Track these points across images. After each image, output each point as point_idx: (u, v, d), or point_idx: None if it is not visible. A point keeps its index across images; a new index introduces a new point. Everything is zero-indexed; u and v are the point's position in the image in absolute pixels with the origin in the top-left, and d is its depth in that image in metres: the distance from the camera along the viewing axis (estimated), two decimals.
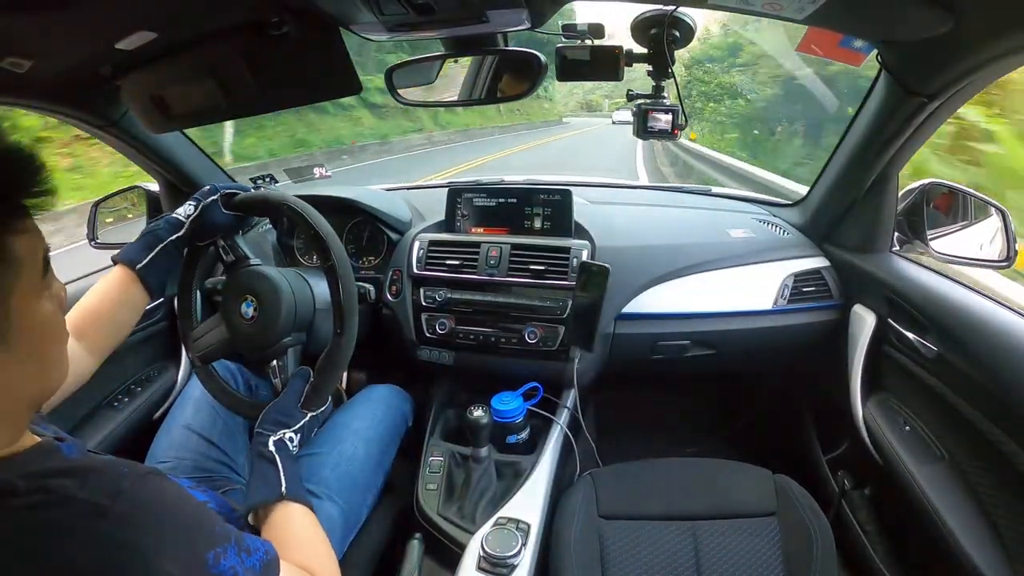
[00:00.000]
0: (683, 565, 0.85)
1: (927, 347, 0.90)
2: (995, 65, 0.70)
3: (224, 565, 0.42)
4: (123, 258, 0.73)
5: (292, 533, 0.61)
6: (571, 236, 1.19)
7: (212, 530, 0.44)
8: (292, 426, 0.70)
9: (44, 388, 0.45)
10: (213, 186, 0.81)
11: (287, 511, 0.63)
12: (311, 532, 0.63)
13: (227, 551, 0.43)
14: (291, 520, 0.63)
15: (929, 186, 1.04)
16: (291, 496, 0.63)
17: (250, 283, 0.76)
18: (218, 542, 0.43)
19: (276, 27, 0.72)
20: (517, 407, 1.04)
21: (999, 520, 0.78)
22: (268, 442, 0.67)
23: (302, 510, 0.64)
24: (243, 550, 0.45)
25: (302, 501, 0.65)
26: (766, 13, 0.74)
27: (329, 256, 0.74)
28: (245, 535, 0.48)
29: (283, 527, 0.62)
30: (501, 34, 0.87)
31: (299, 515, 0.64)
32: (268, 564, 0.48)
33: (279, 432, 0.69)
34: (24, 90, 0.83)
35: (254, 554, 0.46)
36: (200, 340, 0.82)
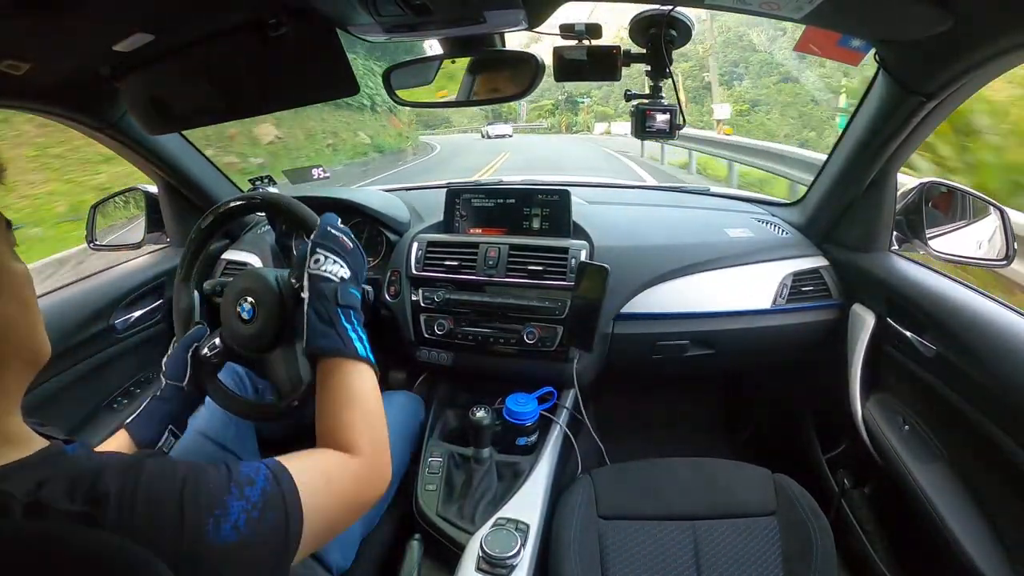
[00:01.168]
0: (683, 565, 0.85)
1: (926, 346, 0.90)
2: (994, 63, 0.70)
3: (226, 526, 0.41)
4: (137, 437, 0.71)
5: (349, 392, 0.61)
6: (569, 236, 1.19)
7: (206, 494, 0.42)
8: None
9: (35, 345, 0.45)
10: (196, 330, 0.79)
11: (350, 369, 0.62)
12: (368, 397, 0.62)
13: (227, 505, 0.42)
14: (351, 381, 0.62)
15: (928, 185, 1.04)
16: (362, 358, 0.63)
17: (247, 284, 0.76)
18: (215, 502, 0.42)
19: (274, 28, 0.72)
20: (532, 410, 1.04)
21: (999, 519, 0.78)
22: (336, 294, 0.65)
23: (366, 372, 0.63)
24: (244, 485, 0.44)
25: (370, 364, 0.64)
26: (764, 12, 0.73)
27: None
28: (242, 466, 0.46)
29: (338, 385, 0.61)
30: (499, 35, 0.87)
31: (363, 376, 0.63)
32: (273, 478, 0.46)
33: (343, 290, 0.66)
34: (22, 92, 0.83)
35: (257, 480, 0.45)
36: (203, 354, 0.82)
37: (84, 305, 1.08)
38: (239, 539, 0.41)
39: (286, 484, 0.47)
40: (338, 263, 0.67)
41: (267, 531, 0.43)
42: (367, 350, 0.64)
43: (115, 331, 1.14)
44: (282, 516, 0.45)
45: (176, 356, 0.77)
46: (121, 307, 1.16)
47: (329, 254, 0.67)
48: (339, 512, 0.52)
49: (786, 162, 5.27)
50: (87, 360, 1.08)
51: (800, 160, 5.05)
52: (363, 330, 0.66)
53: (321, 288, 0.65)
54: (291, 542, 0.45)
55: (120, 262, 1.28)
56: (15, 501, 0.36)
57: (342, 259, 0.67)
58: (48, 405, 0.98)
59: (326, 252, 0.67)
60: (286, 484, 0.47)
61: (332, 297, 0.64)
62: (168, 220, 1.35)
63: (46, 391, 0.98)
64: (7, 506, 0.36)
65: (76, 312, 1.06)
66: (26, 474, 0.39)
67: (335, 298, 0.64)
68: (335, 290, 0.65)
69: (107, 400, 1.15)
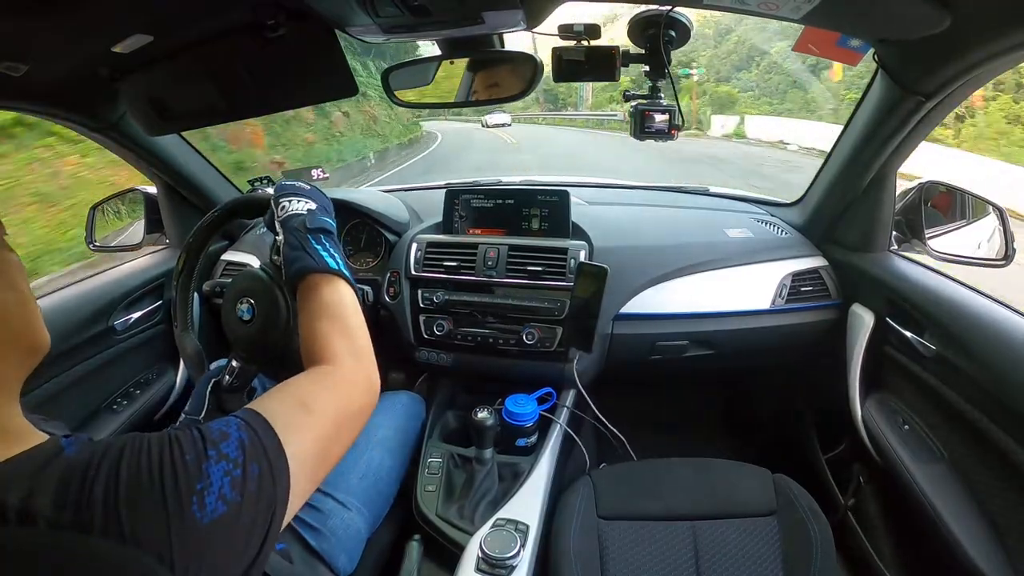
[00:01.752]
0: (682, 565, 0.85)
1: (926, 346, 0.90)
2: (992, 63, 0.70)
3: (211, 500, 0.39)
4: None
5: (322, 304, 0.61)
6: (569, 237, 1.19)
7: (183, 471, 0.40)
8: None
9: (32, 335, 0.45)
10: (215, 369, 0.80)
11: (322, 284, 0.62)
12: (343, 304, 0.62)
13: (207, 475, 0.40)
14: (323, 293, 0.62)
15: (927, 185, 1.04)
16: (332, 270, 0.63)
17: (244, 285, 0.76)
18: (194, 477, 0.39)
19: (272, 29, 0.72)
20: (532, 411, 1.04)
21: (998, 518, 0.78)
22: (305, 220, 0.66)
23: (338, 284, 0.63)
24: (219, 442, 0.42)
25: (343, 277, 0.64)
26: (763, 13, 0.73)
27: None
28: (211, 424, 0.44)
29: (313, 300, 0.61)
30: (497, 35, 0.87)
31: (335, 288, 0.63)
32: (247, 426, 0.44)
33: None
34: (21, 93, 0.83)
35: (230, 432, 0.43)
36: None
37: (84, 306, 1.08)
38: (227, 508, 0.40)
39: (261, 428, 0.44)
40: (301, 200, 0.68)
41: (253, 487, 0.41)
42: (340, 264, 0.64)
43: (115, 332, 1.14)
44: (266, 466, 0.42)
45: (197, 392, 0.78)
46: (121, 308, 1.16)
47: (291, 197, 0.69)
48: (327, 435, 0.49)
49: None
50: (87, 361, 1.08)
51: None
52: (337, 249, 0.66)
53: (291, 224, 0.66)
54: (280, 490, 0.43)
55: (120, 263, 1.28)
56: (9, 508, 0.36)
57: (303, 197, 0.69)
58: (48, 405, 0.98)
59: (288, 197, 0.69)
60: (261, 428, 0.44)
61: (300, 226, 0.65)
62: (167, 221, 1.35)
63: (46, 391, 0.98)
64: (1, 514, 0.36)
65: (76, 313, 1.06)
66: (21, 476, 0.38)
67: (303, 226, 0.65)
68: (303, 220, 0.66)
69: (107, 401, 1.15)
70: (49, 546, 0.36)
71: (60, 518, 0.36)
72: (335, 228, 0.69)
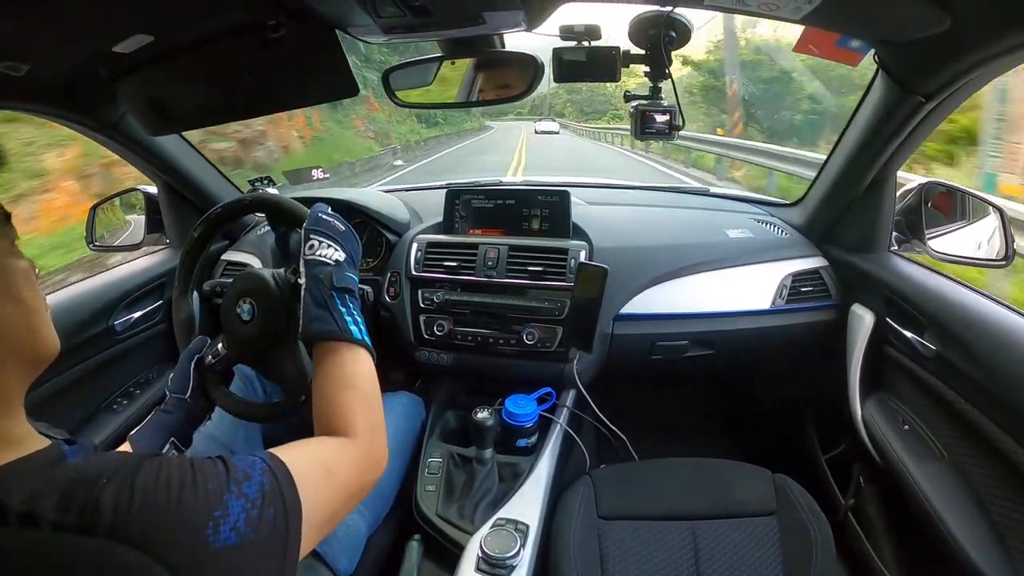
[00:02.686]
0: (682, 565, 0.85)
1: (926, 346, 0.90)
2: (992, 64, 0.70)
3: (226, 529, 0.40)
4: (139, 450, 0.70)
5: (343, 375, 0.61)
6: (569, 237, 1.19)
7: (204, 497, 0.41)
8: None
9: (36, 344, 0.44)
10: (197, 342, 0.79)
11: (344, 352, 0.62)
12: (364, 379, 0.62)
13: (226, 505, 0.41)
14: (346, 364, 0.61)
15: (927, 186, 1.04)
16: (356, 340, 0.62)
17: (246, 285, 0.76)
18: (214, 504, 0.40)
19: (273, 29, 0.72)
20: (531, 411, 1.04)
21: (999, 518, 0.78)
22: (332, 278, 0.64)
23: (361, 355, 0.63)
24: (242, 481, 0.43)
25: (366, 347, 0.64)
26: (763, 13, 0.74)
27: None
28: (237, 460, 0.45)
29: (334, 368, 0.61)
30: (498, 36, 0.87)
31: (358, 359, 0.62)
32: (270, 472, 0.45)
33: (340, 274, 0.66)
34: (22, 93, 0.83)
35: (253, 475, 0.44)
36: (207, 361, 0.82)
37: (84, 306, 1.08)
38: (239, 541, 0.40)
39: (283, 478, 0.45)
40: (332, 247, 0.67)
41: (267, 529, 0.42)
42: (363, 333, 0.64)
43: (115, 332, 1.14)
44: (282, 512, 0.44)
45: (180, 369, 0.77)
46: (121, 308, 1.16)
47: (323, 239, 0.67)
48: (339, 501, 0.52)
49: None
50: (87, 361, 1.08)
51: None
52: (360, 314, 0.65)
53: (316, 272, 0.64)
54: (292, 539, 0.44)
55: (120, 263, 1.28)
56: (11, 510, 0.35)
57: (336, 242, 0.67)
58: (48, 405, 0.98)
59: (320, 237, 0.67)
60: (283, 478, 0.45)
61: (327, 281, 0.64)
62: (168, 221, 1.35)
63: (46, 391, 0.98)
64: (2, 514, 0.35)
65: (76, 313, 1.06)
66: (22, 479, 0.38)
67: (330, 282, 0.64)
68: (330, 274, 0.64)
69: (107, 401, 1.15)
70: (51, 547, 0.35)
71: (64, 521, 0.36)
72: (357, 284, 0.67)
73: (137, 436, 0.72)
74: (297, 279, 0.70)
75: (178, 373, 0.77)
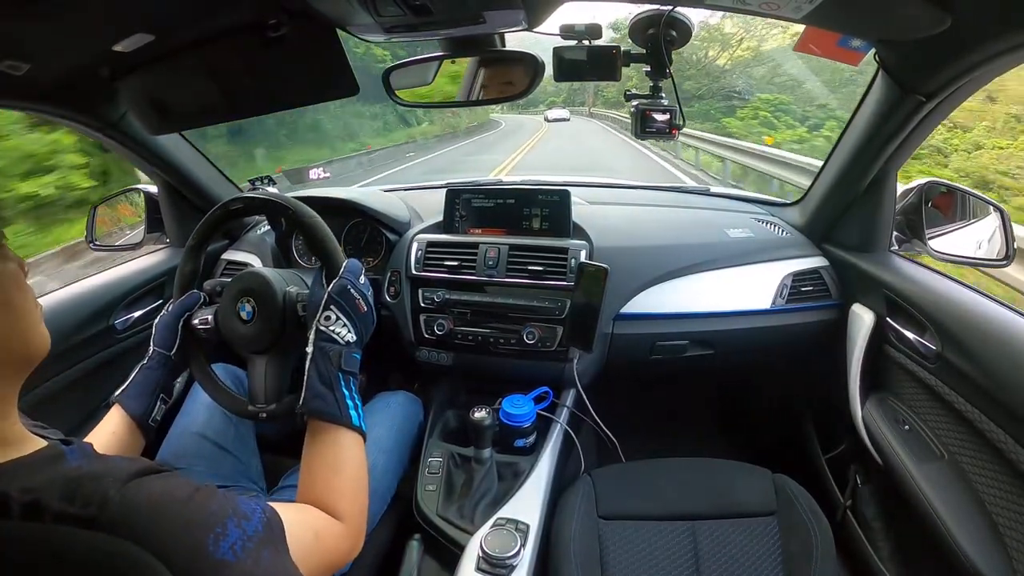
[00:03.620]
0: (682, 565, 0.85)
1: (926, 346, 0.90)
2: (993, 63, 0.70)
3: (224, 546, 0.41)
4: (130, 410, 0.73)
5: (338, 459, 0.63)
6: (569, 236, 1.19)
7: (208, 512, 0.43)
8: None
9: (26, 346, 0.45)
10: (191, 296, 0.80)
11: (342, 437, 0.64)
12: (357, 465, 0.65)
13: (226, 527, 0.42)
14: (342, 448, 0.64)
15: (928, 185, 1.04)
16: (355, 427, 0.65)
17: (252, 285, 0.76)
18: (216, 522, 0.42)
19: (274, 29, 0.72)
20: (528, 412, 1.04)
21: (999, 519, 0.78)
22: (337, 358, 0.66)
23: (357, 441, 0.65)
24: (241, 518, 0.44)
25: (361, 433, 0.66)
26: (763, 13, 0.74)
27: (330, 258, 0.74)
28: (240, 500, 0.47)
29: (329, 450, 0.63)
30: (498, 35, 0.87)
31: (353, 445, 0.65)
32: (268, 523, 0.47)
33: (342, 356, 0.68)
34: (22, 93, 0.83)
35: (253, 518, 0.46)
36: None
37: (84, 305, 1.08)
38: (235, 560, 0.41)
39: (277, 532, 0.48)
40: (347, 327, 0.68)
41: (265, 566, 0.44)
42: (360, 419, 0.66)
43: (115, 331, 1.14)
44: (275, 554, 0.46)
45: (167, 323, 0.77)
46: (121, 307, 1.16)
47: (341, 315, 0.68)
48: (319, 570, 0.55)
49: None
50: (87, 360, 1.08)
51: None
52: (359, 397, 0.67)
53: (326, 348, 0.66)
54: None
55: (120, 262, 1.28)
56: (12, 501, 0.36)
57: (352, 322, 0.68)
58: (48, 405, 0.98)
59: (338, 312, 0.68)
60: (277, 532, 0.48)
61: (336, 361, 0.66)
62: (168, 220, 1.35)
63: (46, 391, 0.98)
64: (5, 506, 0.36)
65: (76, 312, 1.06)
66: (23, 475, 0.39)
67: (338, 362, 0.66)
68: (339, 353, 0.66)
69: (107, 400, 1.15)
70: (53, 539, 0.36)
71: (67, 511, 0.37)
72: (360, 365, 0.69)
73: (124, 398, 0.73)
74: (303, 320, 0.72)
75: (164, 326, 0.77)
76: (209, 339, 0.80)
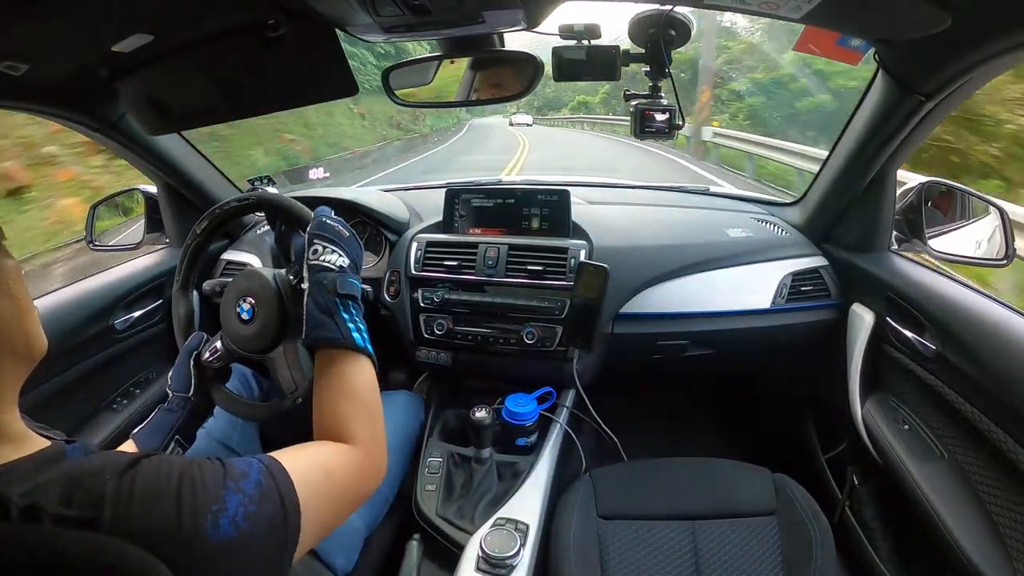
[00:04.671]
0: (682, 565, 0.85)
1: (926, 346, 0.90)
2: (993, 63, 0.70)
3: (224, 522, 0.41)
4: (143, 447, 0.72)
5: (346, 382, 0.61)
6: (569, 236, 1.19)
7: (202, 490, 0.42)
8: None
9: (27, 339, 0.45)
10: (194, 338, 0.80)
11: (347, 360, 0.62)
12: (368, 387, 0.62)
13: (224, 500, 0.41)
14: (348, 372, 0.62)
15: (928, 185, 1.04)
16: (359, 348, 0.63)
17: (246, 284, 0.76)
18: (212, 498, 0.41)
19: (272, 29, 0.72)
20: (532, 410, 1.04)
21: (999, 518, 0.78)
22: (336, 282, 0.64)
23: (364, 363, 0.63)
24: (239, 479, 0.44)
25: (368, 355, 0.64)
26: (763, 12, 0.73)
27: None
28: (233, 462, 0.46)
29: (336, 375, 0.61)
30: (497, 35, 0.87)
31: (360, 368, 0.63)
32: (267, 471, 0.46)
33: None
34: (21, 93, 0.83)
35: (250, 472, 0.45)
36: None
37: (84, 305, 1.08)
38: (237, 534, 0.41)
39: (280, 477, 0.46)
40: (336, 252, 0.66)
41: (265, 525, 0.43)
42: (366, 341, 0.64)
43: (115, 331, 1.14)
44: (279, 509, 0.45)
45: (179, 367, 0.77)
46: (121, 307, 1.16)
47: (327, 244, 0.67)
48: (338, 505, 0.52)
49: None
50: (87, 360, 1.08)
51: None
52: (362, 321, 0.65)
53: (320, 278, 0.64)
54: (290, 536, 0.45)
55: (120, 262, 1.28)
56: (12, 504, 0.36)
57: (340, 248, 0.67)
58: (48, 405, 0.98)
59: (324, 242, 0.67)
60: (280, 477, 0.46)
61: (331, 287, 0.64)
62: (168, 220, 1.35)
63: (46, 391, 0.98)
64: (4, 508, 0.36)
65: (76, 312, 1.06)
66: (25, 476, 0.39)
67: (334, 288, 0.64)
68: (334, 280, 0.64)
69: (107, 400, 1.15)
70: (52, 542, 0.36)
71: (66, 514, 0.37)
72: (360, 291, 0.67)
73: (140, 434, 0.72)
74: (299, 282, 0.70)
75: (178, 371, 0.77)
76: (223, 366, 0.79)
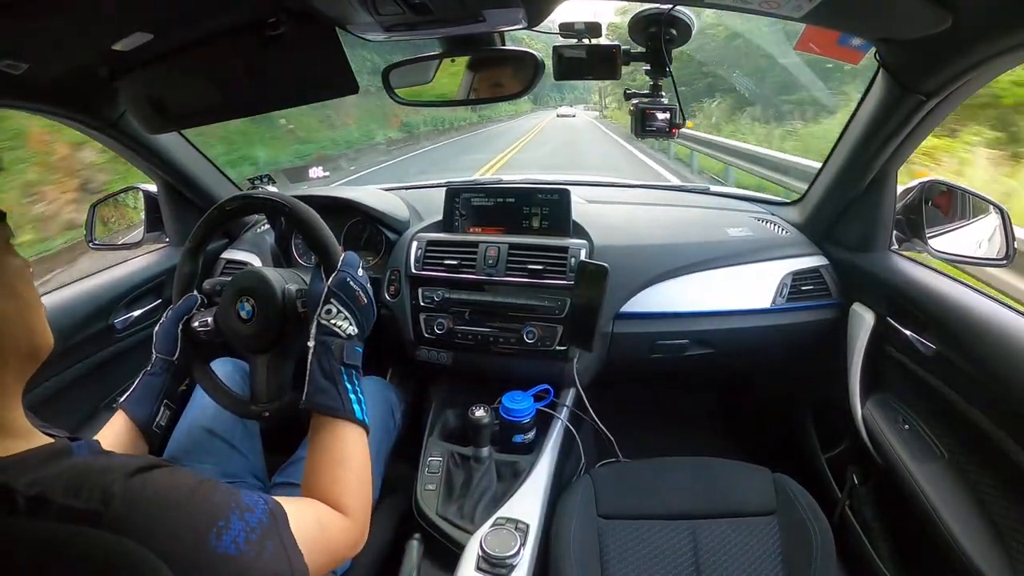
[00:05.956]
0: (682, 564, 0.85)
1: (926, 345, 0.90)
2: (993, 63, 0.70)
3: (227, 539, 0.41)
4: (134, 416, 0.73)
5: (342, 453, 0.63)
6: (569, 235, 1.19)
7: (211, 505, 0.43)
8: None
9: (32, 337, 0.45)
10: (188, 300, 0.80)
11: (345, 430, 0.64)
12: (361, 459, 0.64)
13: (229, 520, 0.42)
14: (345, 442, 0.64)
15: (928, 184, 1.04)
16: (358, 420, 0.65)
17: (251, 284, 0.76)
18: (219, 515, 0.42)
19: (273, 27, 0.71)
20: (528, 407, 1.04)
21: (999, 518, 0.78)
22: (339, 351, 0.66)
23: (360, 435, 0.65)
24: (244, 511, 0.45)
25: (364, 427, 0.65)
26: (764, 12, 0.73)
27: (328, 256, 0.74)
28: (242, 493, 0.47)
29: (333, 444, 0.63)
30: (498, 33, 0.87)
31: (357, 439, 0.64)
32: (271, 514, 0.47)
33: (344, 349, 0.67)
34: (21, 92, 0.83)
35: (256, 510, 0.46)
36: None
37: (84, 305, 1.08)
38: (239, 554, 0.42)
39: (282, 522, 0.48)
40: (348, 319, 0.67)
41: (268, 558, 0.44)
42: (364, 412, 0.66)
43: (115, 331, 1.14)
44: (281, 549, 0.46)
45: (166, 328, 0.77)
46: (121, 307, 1.16)
47: (342, 308, 0.67)
48: (324, 561, 0.54)
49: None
50: (87, 360, 1.08)
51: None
52: (362, 391, 0.67)
53: (327, 342, 0.65)
54: (296, 571, 0.46)
55: (120, 262, 1.28)
56: (18, 495, 0.36)
57: (353, 315, 0.68)
58: (48, 405, 0.98)
59: (339, 305, 0.67)
60: (282, 522, 0.48)
61: (338, 354, 0.65)
62: (168, 220, 1.35)
63: (46, 391, 0.98)
64: (10, 500, 0.36)
65: (76, 312, 1.06)
66: (30, 468, 0.39)
67: (340, 356, 0.65)
68: (341, 347, 0.65)
69: (107, 400, 1.15)
70: (57, 538, 0.36)
71: (72, 506, 0.37)
72: (362, 358, 0.69)
73: (128, 403, 0.73)
74: (304, 316, 0.71)
75: (164, 332, 0.77)
76: (210, 341, 0.80)
